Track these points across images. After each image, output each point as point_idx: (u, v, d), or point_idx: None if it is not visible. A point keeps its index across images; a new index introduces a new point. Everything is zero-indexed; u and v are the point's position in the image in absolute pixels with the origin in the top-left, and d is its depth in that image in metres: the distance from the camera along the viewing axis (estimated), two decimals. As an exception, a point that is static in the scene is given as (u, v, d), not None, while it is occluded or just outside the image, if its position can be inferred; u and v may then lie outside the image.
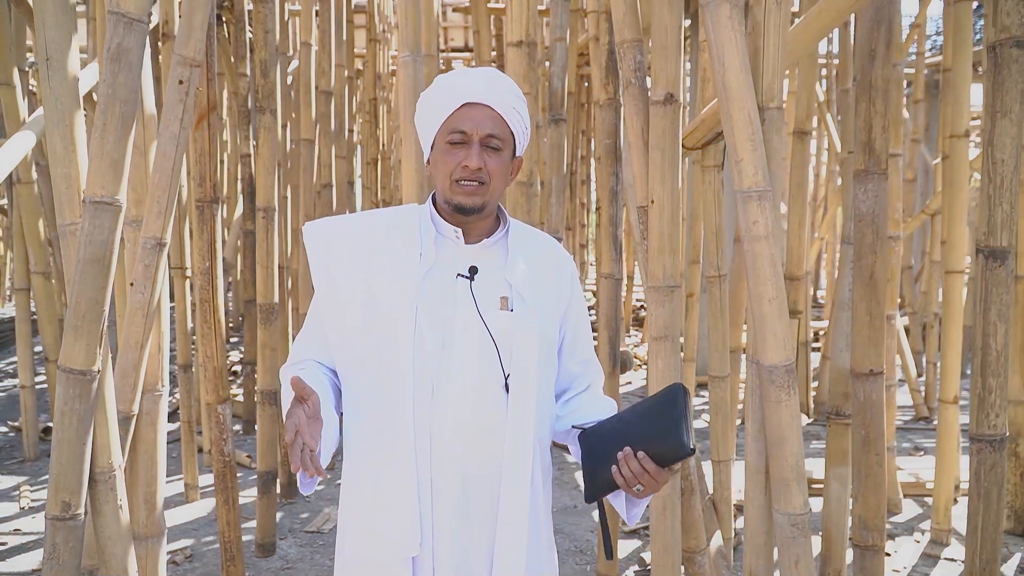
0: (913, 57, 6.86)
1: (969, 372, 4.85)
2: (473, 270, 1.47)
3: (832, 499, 3.14)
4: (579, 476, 4.82)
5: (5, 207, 7.78)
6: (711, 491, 3.35)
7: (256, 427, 3.95)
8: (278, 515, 4.13)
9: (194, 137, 2.96)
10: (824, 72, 7.65)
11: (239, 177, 5.46)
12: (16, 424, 5.77)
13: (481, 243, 1.50)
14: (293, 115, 5.70)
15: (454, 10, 9.62)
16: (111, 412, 1.99)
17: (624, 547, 3.72)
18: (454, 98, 1.45)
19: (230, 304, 10.02)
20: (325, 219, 1.58)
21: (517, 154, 1.53)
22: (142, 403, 2.32)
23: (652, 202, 2.42)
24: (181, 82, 2.26)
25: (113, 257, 1.83)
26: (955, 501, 4.27)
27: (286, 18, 5.51)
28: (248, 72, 4.92)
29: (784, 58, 2.07)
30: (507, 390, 1.44)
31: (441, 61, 9.18)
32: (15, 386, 6.55)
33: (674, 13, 2.38)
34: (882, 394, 2.55)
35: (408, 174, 2.98)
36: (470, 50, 10.07)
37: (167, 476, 4.78)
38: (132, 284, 2.25)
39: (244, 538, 3.78)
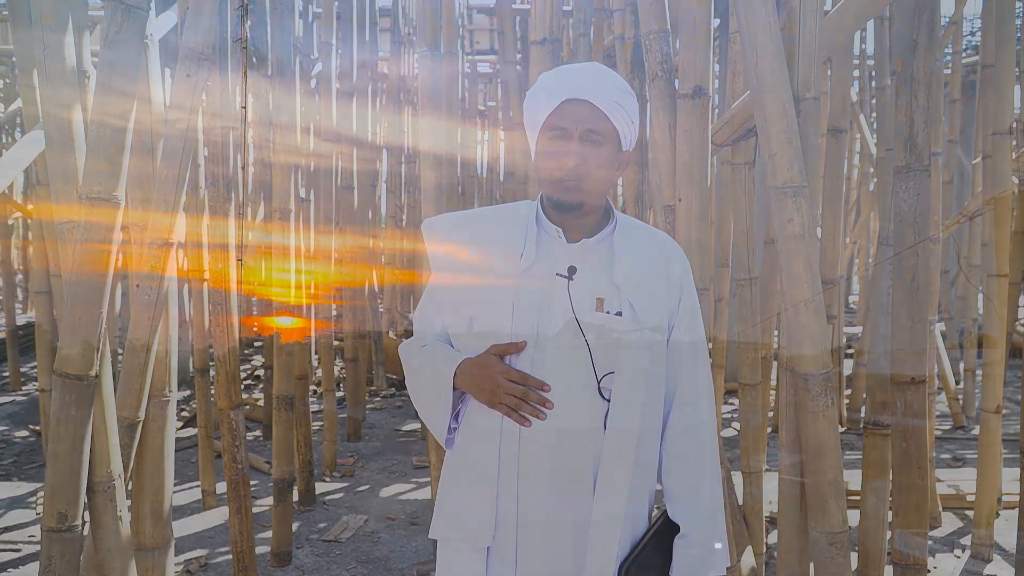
0: (949, 57, 6.65)
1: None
2: (572, 270, 1.45)
3: (869, 514, 2.98)
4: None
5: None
6: (741, 503, 3.21)
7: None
8: (295, 524, 4.05)
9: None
10: (856, 73, 7.44)
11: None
12: (37, 428, 5.75)
13: (582, 242, 1.48)
14: (317, 117, 5.65)
15: (478, 11, 9.55)
16: (111, 419, 1.90)
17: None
18: (555, 95, 1.45)
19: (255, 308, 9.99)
20: (442, 215, 1.63)
21: (624, 148, 1.51)
22: (149, 408, 2.24)
23: (679, 201, 2.30)
24: (189, 76, 2.19)
25: (111, 257, 1.75)
26: (997, 515, 4.08)
27: (311, 20, 5.44)
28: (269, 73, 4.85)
29: (821, 47, 1.95)
30: (600, 393, 1.41)
31: (467, 64, 9.10)
32: (37, 390, 6.55)
33: (703, 4, 2.27)
34: (924, 403, 2.41)
35: (426, 171, 2.89)
36: (495, 52, 9.99)
37: (185, 482, 4.76)
38: (138, 286, 2.18)
39: (260, 548, 3.70)
